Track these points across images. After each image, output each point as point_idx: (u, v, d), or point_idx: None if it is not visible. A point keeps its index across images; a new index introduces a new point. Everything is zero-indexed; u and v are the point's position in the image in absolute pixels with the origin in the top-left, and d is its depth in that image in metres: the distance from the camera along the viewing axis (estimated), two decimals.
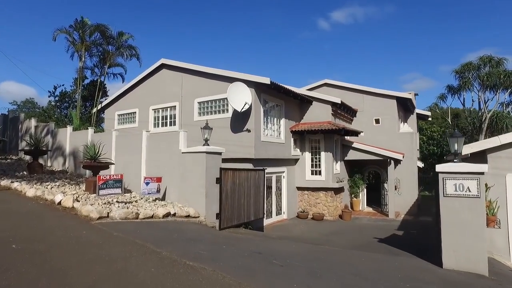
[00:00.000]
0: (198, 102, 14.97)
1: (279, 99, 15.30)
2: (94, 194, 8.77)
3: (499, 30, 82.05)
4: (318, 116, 16.49)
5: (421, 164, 19.47)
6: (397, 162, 16.61)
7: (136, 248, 5.84)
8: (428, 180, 24.13)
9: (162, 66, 16.23)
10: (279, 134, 15.53)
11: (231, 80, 13.63)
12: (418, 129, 24.06)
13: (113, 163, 11.38)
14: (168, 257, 5.50)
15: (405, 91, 18.28)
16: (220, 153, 10.19)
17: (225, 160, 13.10)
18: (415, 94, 18.51)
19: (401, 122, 19.25)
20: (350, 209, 16.37)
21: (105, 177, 8.54)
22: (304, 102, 16.71)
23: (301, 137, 16.66)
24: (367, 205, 18.84)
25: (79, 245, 5.72)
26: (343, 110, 17.49)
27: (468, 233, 6.72)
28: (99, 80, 21.03)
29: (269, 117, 14.84)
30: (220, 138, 13.97)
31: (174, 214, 8.78)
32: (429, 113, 22.21)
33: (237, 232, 9.76)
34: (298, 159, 16.73)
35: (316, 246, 8.48)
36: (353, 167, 18.32)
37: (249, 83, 13.39)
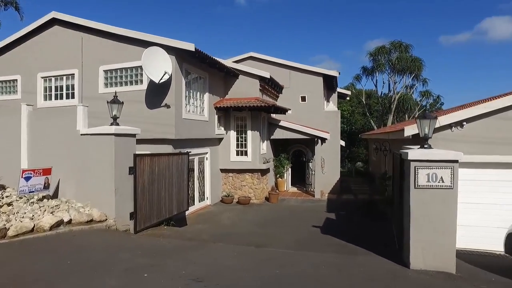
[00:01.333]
0: (104, 70, 11.78)
1: (203, 70, 12.94)
2: None
3: (393, 21, 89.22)
4: (244, 91, 14.58)
5: (343, 143, 19.17)
6: (323, 141, 15.76)
7: None
8: (342, 157, 24.50)
9: (54, 21, 12.36)
10: (203, 110, 13.26)
11: (147, 44, 10.81)
12: None
13: None
14: None
15: None
16: (134, 135, 7.65)
17: (138, 142, 10.65)
18: (338, 73, 17.76)
19: (325, 101, 18.47)
20: (277, 190, 15.13)
21: None
22: (230, 76, 14.61)
23: (226, 114, 14.64)
24: (291, 184, 17.88)
25: None
26: (271, 86, 15.87)
27: (439, 229, 5.64)
28: None
29: (191, 90, 12.43)
30: (132, 115, 11.17)
31: (70, 222, 6.11)
32: (349, 92, 22.07)
33: (159, 234, 7.49)
34: (223, 138, 14.75)
35: (259, 249, 6.71)
36: (278, 146, 17.04)
37: (169, 50, 10.79)
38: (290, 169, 17.50)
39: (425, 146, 5.82)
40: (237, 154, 14.78)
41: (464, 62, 77.87)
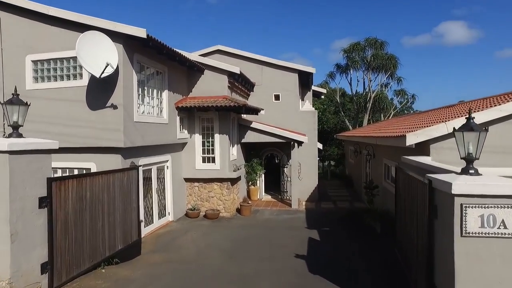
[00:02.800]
0: (32, 61, 9.18)
1: (161, 64, 10.59)
2: None
3: (357, 20, 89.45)
4: (211, 89, 12.34)
5: (320, 146, 17.35)
6: (300, 144, 13.82)
7: None
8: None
9: None
10: (161, 111, 10.92)
11: (87, 28, 8.37)
12: None
13: None
14: None
15: None
16: (48, 151, 5.22)
17: (78, 151, 8.36)
18: (314, 70, 15.83)
19: (300, 100, 16.54)
20: (249, 201, 13.05)
21: None
22: (194, 71, 12.30)
23: (190, 115, 12.36)
24: (265, 192, 15.83)
25: None
26: (241, 83, 13.70)
27: None
28: None
29: (146, 88, 10.07)
30: (70, 118, 8.89)
31: None
32: (324, 91, 20.29)
33: None
34: (186, 143, 12.44)
35: None
36: (249, 150, 14.93)
37: (114, 36, 8.44)
38: (263, 175, 15.44)
39: (470, 171, 3.89)
40: (204, 161, 12.54)
41: (426, 63, 79.52)
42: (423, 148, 7.58)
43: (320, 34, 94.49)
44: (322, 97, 21.84)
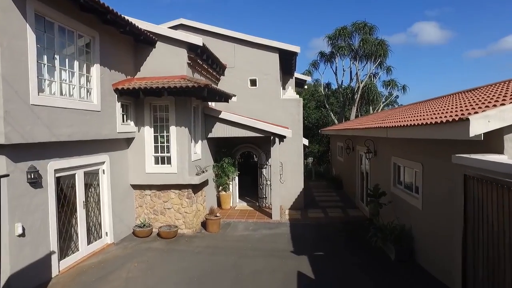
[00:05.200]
0: None
1: (87, 26, 7.04)
2: None
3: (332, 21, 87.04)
4: (165, 67, 8.83)
5: (306, 142, 14.04)
6: (281, 139, 10.48)
7: None
8: None
9: None
10: (89, 93, 7.34)
11: None
12: None
13: None
14: None
15: None
16: None
17: None
18: (298, 49, 12.47)
19: (281, 87, 13.16)
20: (217, 213, 9.59)
21: None
22: (141, 43, 8.73)
23: (137, 102, 8.83)
24: (239, 197, 12.38)
25: None
26: (207, 62, 10.19)
27: None
28: None
29: (58, 56, 6.45)
30: None
31: None
32: (308, 78, 17.00)
33: None
34: (133, 138, 8.90)
35: None
36: (219, 148, 11.46)
37: None
38: (237, 177, 12.00)
39: None
40: (157, 162, 9.04)
41: (400, 62, 78.20)
42: (487, 140, 4.37)
43: (297, 32, 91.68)
44: (306, 87, 18.57)
